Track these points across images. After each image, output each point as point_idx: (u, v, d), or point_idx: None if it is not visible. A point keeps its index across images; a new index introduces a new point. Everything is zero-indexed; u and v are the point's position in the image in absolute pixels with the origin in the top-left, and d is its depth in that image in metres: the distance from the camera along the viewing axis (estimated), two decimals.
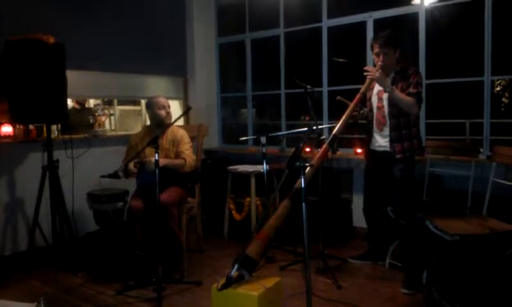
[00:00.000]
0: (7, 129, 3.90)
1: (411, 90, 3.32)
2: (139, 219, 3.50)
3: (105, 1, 4.72)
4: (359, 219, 4.27)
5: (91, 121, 5.12)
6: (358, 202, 4.36)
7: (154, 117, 3.76)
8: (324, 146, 3.19)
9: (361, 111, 3.60)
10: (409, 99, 3.29)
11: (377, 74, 3.28)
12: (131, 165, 3.49)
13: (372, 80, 3.35)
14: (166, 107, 3.76)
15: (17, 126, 3.99)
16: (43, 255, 3.93)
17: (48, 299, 2.72)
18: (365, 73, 3.36)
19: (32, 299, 3.08)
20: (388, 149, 3.45)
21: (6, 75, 3.65)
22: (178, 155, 3.70)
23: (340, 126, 3.26)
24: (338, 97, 3.52)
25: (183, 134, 3.80)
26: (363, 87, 3.38)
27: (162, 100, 3.77)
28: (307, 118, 6.10)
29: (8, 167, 4.01)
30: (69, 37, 3.88)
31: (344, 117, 3.29)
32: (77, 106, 5.46)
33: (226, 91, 6.05)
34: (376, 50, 3.42)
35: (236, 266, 2.62)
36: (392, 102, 3.37)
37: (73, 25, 4.33)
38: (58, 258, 3.87)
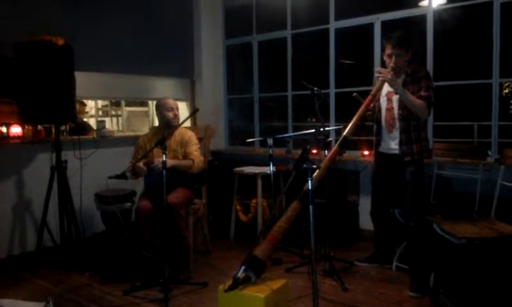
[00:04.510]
0: (16, 130, 3.93)
1: (422, 93, 3.29)
2: (146, 219, 3.52)
3: (113, 3, 4.75)
4: (366, 222, 4.26)
5: None
6: (364, 204, 4.34)
7: (162, 118, 3.79)
8: (335, 147, 3.18)
9: (375, 115, 3.57)
10: (420, 102, 3.27)
11: (389, 76, 3.25)
12: (140, 164, 3.51)
13: (383, 81, 3.33)
14: (174, 109, 3.78)
15: (26, 127, 4.03)
16: (51, 255, 3.95)
17: (55, 298, 2.74)
18: (377, 75, 3.34)
19: (39, 298, 3.10)
20: (398, 152, 3.42)
21: (15, 77, 3.68)
22: (186, 156, 3.72)
23: (350, 127, 3.24)
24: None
25: (191, 135, 3.81)
26: (374, 89, 3.35)
27: (170, 102, 3.79)
28: (314, 120, 6.10)
29: (17, 167, 4.04)
30: (78, 39, 3.91)
31: (354, 119, 3.26)
32: None
33: (233, 93, 6.07)
34: (388, 51, 3.38)
35: (243, 267, 2.62)
36: (402, 104, 3.35)
37: (82, 27, 4.37)
38: (66, 258, 3.89)
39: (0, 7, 3.89)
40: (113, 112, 7.21)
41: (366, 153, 4.58)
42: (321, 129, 3.53)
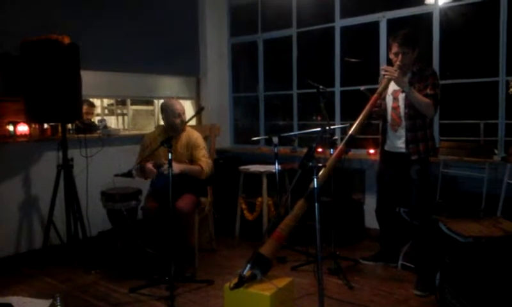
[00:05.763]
0: (23, 128, 3.94)
1: (428, 92, 3.27)
2: (154, 218, 3.52)
3: (119, 2, 4.76)
4: (371, 220, 4.25)
5: None
6: (370, 203, 4.34)
7: (168, 123, 3.72)
8: (341, 146, 3.18)
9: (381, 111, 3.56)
10: (426, 101, 3.25)
11: (396, 74, 3.24)
12: (149, 165, 3.48)
13: (389, 80, 3.32)
14: (182, 115, 3.69)
15: (33, 126, 4.04)
16: (57, 253, 3.98)
17: (62, 296, 2.75)
18: (383, 73, 3.33)
19: (46, 295, 3.13)
20: (404, 150, 3.42)
21: (22, 75, 3.71)
22: (193, 160, 3.69)
23: (356, 126, 3.23)
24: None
25: (197, 137, 3.77)
26: (380, 88, 3.34)
27: (178, 107, 3.68)
28: (319, 118, 6.09)
29: (24, 165, 4.06)
30: (84, 37, 3.93)
31: (360, 117, 3.25)
32: None
33: (239, 91, 6.07)
34: (395, 49, 3.36)
35: (248, 265, 2.62)
36: (409, 102, 3.33)
37: (88, 25, 4.38)
38: (72, 256, 3.92)
39: (7, 6, 3.91)
40: (119, 111, 7.24)
41: (372, 151, 4.57)
42: (327, 127, 3.52)
